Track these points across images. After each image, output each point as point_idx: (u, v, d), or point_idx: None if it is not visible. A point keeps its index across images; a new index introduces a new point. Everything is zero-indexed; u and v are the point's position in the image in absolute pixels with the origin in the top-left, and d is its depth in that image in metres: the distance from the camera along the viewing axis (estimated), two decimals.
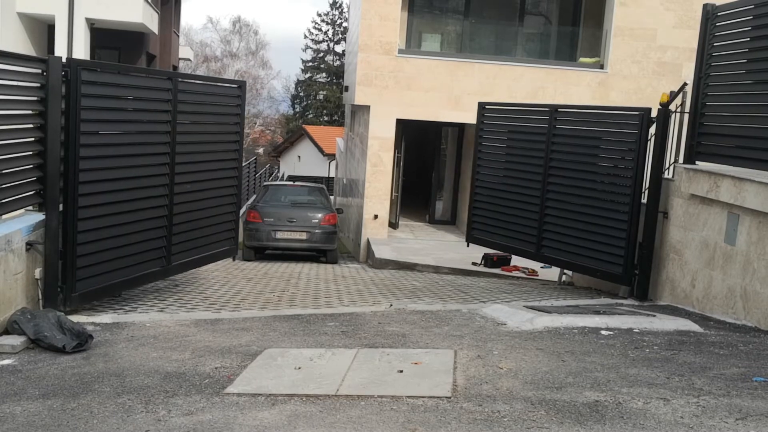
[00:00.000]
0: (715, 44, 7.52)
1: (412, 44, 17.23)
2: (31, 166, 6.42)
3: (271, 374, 4.81)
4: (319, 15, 67.69)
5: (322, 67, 61.74)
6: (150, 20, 18.51)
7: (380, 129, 16.32)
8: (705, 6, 7.62)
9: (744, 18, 7.08)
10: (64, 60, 6.57)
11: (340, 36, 60.23)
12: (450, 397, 4.19)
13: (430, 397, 4.21)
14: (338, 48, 60.59)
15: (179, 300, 8.30)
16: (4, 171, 6.08)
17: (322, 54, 62.32)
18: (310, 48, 62.13)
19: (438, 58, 16.42)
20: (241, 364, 5.08)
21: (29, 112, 6.48)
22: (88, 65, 7.27)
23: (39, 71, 6.40)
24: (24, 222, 6.32)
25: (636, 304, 7.91)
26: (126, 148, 7.40)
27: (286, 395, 4.32)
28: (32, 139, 6.44)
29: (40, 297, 6.47)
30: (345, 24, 55.80)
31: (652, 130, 8.27)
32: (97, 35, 17.96)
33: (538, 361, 5.00)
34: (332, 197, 23.22)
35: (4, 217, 6.26)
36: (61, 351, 5.45)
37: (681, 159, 8.05)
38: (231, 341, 5.87)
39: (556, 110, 9.71)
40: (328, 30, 62.00)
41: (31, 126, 6.46)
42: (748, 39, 7.04)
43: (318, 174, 39.65)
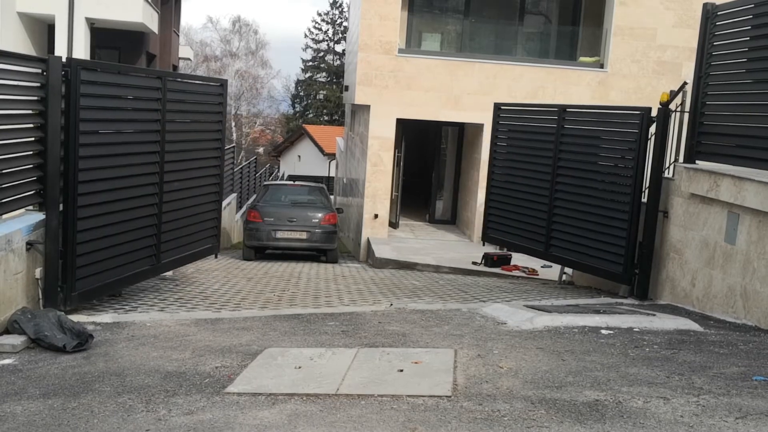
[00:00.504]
0: (714, 44, 7.52)
1: (412, 44, 17.22)
2: (32, 166, 6.43)
3: (272, 374, 4.82)
4: (320, 14, 67.68)
5: (322, 66, 61.72)
6: (150, 20, 18.50)
7: (380, 128, 16.32)
8: (705, 5, 7.62)
9: (744, 17, 7.09)
10: (64, 60, 6.58)
11: (340, 35, 60.18)
12: (450, 397, 4.19)
13: (431, 396, 4.22)
14: (338, 48, 60.58)
15: (179, 299, 8.31)
16: (4, 171, 6.09)
17: (322, 53, 62.30)
18: (310, 47, 62.15)
19: (438, 58, 16.42)
20: (242, 363, 5.08)
21: (29, 111, 6.49)
22: (88, 65, 7.30)
23: (39, 71, 6.41)
24: (24, 222, 6.32)
25: (636, 303, 7.91)
26: (122, 147, 7.49)
27: (287, 394, 4.32)
28: (32, 138, 6.45)
29: (40, 296, 6.48)
30: (345, 23, 55.76)
31: (653, 129, 8.28)
32: (97, 35, 17.95)
33: (538, 360, 5.00)
34: (332, 197, 23.20)
35: (4, 216, 6.27)
36: (62, 350, 5.46)
37: (681, 158, 8.05)
38: (231, 341, 5.87)
39: (564, 110, 9.74)
40: (328, 29, 61.99)
41: (31, 126, 6.47)
42: (747, 38, 7.04)
43: (318, 173, 39.67)
